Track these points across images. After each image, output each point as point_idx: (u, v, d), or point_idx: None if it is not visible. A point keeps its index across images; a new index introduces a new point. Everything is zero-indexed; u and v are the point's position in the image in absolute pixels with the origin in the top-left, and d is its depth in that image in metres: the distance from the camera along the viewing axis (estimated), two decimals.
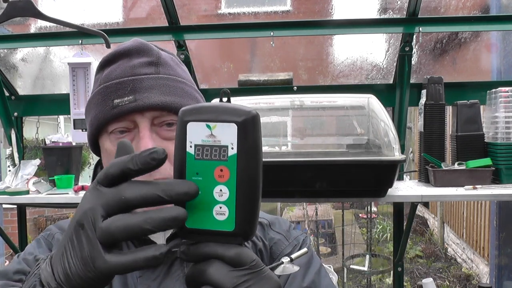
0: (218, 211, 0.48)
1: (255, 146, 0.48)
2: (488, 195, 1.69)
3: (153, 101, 0.70)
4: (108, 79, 0.73)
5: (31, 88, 2.53)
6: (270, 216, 0.89)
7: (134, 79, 0.71)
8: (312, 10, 2.33)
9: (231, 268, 0.48)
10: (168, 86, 0.73)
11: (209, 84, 2.41)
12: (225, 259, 0.48)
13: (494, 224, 3.56)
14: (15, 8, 1.59)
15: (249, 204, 0.48)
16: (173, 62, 0.78)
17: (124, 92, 0.71)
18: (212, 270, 0.48)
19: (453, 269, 5.46)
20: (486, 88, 1.91)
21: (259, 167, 0.49)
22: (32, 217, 5.89)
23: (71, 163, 2.07)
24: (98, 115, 0.73)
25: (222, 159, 0.47)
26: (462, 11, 2.13)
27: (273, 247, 0.83)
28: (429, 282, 2.00)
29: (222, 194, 0.48)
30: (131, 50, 0.74)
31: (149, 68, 0.73)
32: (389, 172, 1.54)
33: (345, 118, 1.87)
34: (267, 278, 0.49)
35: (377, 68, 2.28)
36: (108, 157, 0.75)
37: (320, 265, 0.82)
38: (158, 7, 2.06)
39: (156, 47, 0.77)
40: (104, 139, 0.75)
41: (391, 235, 4.75)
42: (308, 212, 5.96)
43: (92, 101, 0.76)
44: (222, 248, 0.48)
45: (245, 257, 0.48)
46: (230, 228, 0.48)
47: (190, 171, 0.48)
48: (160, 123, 0.73)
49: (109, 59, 0.76)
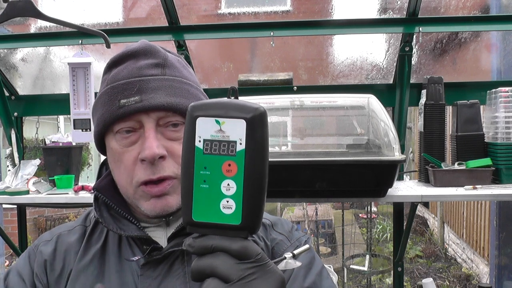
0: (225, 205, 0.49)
1: (262, 142, 0.49)
2: (488, 195, 1.69)
3: (158, 102, 0.72)
4: (115, 80, 0.74)
5: (31, 88, 2.53)
6: (273, 217, 0.90)
7: (140, 80, 0.73)
8: (312, 10, 2.33)
9: (237, 261, 0.49)
10: (174, 87, 0.74)
11: (209, 84, 2.41)
12: (231, 252, 0.49)
13: (494, 224, 3.56)
14: (15, 8, 1.59)
15: (256, 198, 0.49)
16: (179, 64, 0.79)
17: (130, 92, 0.72)
18: (218, 262, 0.49)
19: (453, 269, 5.46)
20: (486, 88, 1.91)
21: (266, 162, 0.50)
22: (32, 217, 5.89)
23: (71, 163, 2.07)
24: (104, 115, 0.74)
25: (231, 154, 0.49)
26: (462, 11, 2.13)
27: (275, 248, 0.83)
28: (429, 282, 2.00)
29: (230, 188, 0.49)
30: (138, 52, 0.75)
31: (156, 69, 0.74)
32: (389, 172, 1.54)
33: (345, 118, 1.87)
34: (271, 271, 0.51)
35: (377, 68, 2.28)
36: (114, 157, 0.76)
37: (321, 266, 0.82)
38: (158, 7, 2.06)
39: (163, 49, 0.78)
40: (110, 139, 0.76)
41: (391, 235, 4.75)
42: (308, 212, 5.96)
43: (99, 101, 0.77)
44: (228, 241, 0.49)
45: (251, 251, 0.50)
46: (237, 221, 0.49)
47: (198, 165, 0.50)
48: (166, 124, 0.74)
49: (117, 60, 0.77)
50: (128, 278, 0.75)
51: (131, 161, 0.73)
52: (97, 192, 0.80)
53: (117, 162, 0.75)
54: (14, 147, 2.30)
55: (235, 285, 0.48)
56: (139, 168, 0.73)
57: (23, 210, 2.41)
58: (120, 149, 0.74)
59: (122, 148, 0.74)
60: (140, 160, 0.73)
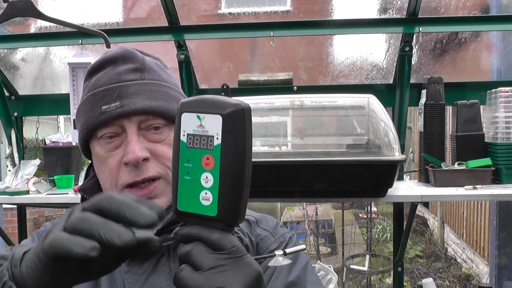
0: (204, 197, 0.52)
1: (239, 137, 0.51)
2: (488, 195, 1.69)
3: (138, 106, 0.74)
4: (95, 87, 0.77)
5: (31, 88, 2.53)
6: (258, 214, 0.92)
7: (120, 86, 0.75)
8: (312, 10, 2.33)
9: (211, 251, 0.51)
10: (153, 91, 0.77)
11: (209, 84, 2.41)
12: (207, 242, 0.52)
13: (494, 224, 3.56)
14: (15, 8, 1.59)
15: (232, 192, 0.51)
16: (157, 67, 0.81)
17: (111, 98, 0.74)
18: (194, 251, 0.51)
19: (453, 269, 5.46)
20: (486, 88, 1.90)
21: (245, 157, 0.51)
22: (32, 217, 5.89)
23: (71, 163, 2.07)
24: (87, 121, 0.76)
25: (209, 148, 0.51)
26: (462, 11, 2.13)
27: (259, 243, 0.85)
28: (429, 282, 2.00)
29: (208, 181, 0.51)
30: (117, 58, 0.78)
31: (134, 74, 0.77)
32: (389, 172, 1.54)
33: (345, 118, 1.87)
34: (245, 264, 0.52)
35: (377, 68, 2.28)
36: (98, 161, 0.78)
37: (306, 261, 0.84)
38: (158, 7, 2.06)
39: (140, 53, 0.81)
40: (94, 144, 0.78)
41: (391, 235, 4.75)
42: (308, 212, 5.95)
43: (81, 108, 0.79)
44: (206, 232, 0.52)
45: (226, 242, 0.52)
46: (213, 213, 0.51)
47: (183, 158, 0.53)
48: (147, 127, 0.76)
49: (96, 67, 0.79)
50: (116, 275, 0.76)
51: (115, 164, 0.75)
52: (83, 193, 0.82)
53: (102, 166, 0.77)
54: (14, 147, 2.30)
55: (205, 273, 0.50)
56: (124, 172, 0.75)
57: (23, 210, 2.41)
58: (104, 153, 0.76)
59: (106, 152, 0.76)
60: (124, 164, 0.74)
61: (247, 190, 0.53)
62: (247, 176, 0.52)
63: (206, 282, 0.50)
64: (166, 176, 0.75)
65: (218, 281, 0.50)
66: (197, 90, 2.23)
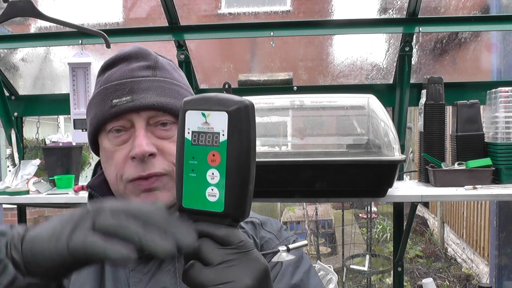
0: (210, 193, 0.52)
1: (245, 133, 0.52)
2: (488, 195, 1.69)
3: (149, 101, 0.75)
4: (108, 81, 0.78)
5: (31, 88, 2.53)
6: (263, 217, 0.92)
7: (132, 81, 0.76)
8: (312, 10, 2.33)
9: (220, 247, 0.52)
10: (164, 88, 0.77)
11: (209, 84, 2.41)
12: (214, 238, 0.52)
13: (494, 224, 3.56)
14: (15, 8, 1.59)
15: (238, 187, 0.52)
16: (170, 66, 0.83)
17: (122, 92, 0.75)
18: (203, 247, 0.52)
19: (453, 269, 5.46)
20: (486, 88, 1.91)
21: (249, 153, 0.52)
22: (32, 217, 5.88)
23: (71, 163, 2.07)
24: (97, 114, 0.77)
25: (214, 145, 0.52)
26: (462, 11, 2.13)
27: (264, 246, 0.86)
28: (429, 282, 2.00)
29: (214, 177, 0.52)
30: (130, 55, 0.79)
31: (147, 71, 0.78)
32: (389, 172, 1.54)
33: (345, 118, 1.87)
34: (253, 259, 0.53)
35: (377, 68, 2.28)
36: (106, 155, 0.79)
37: (309, 265, 0.84)
38: (158, 7, 2.06)
39: (154, 53, 0.82)
40: (103, 138, 0.79)
41: (391, 235, 4.75)
42: (308, 212, 5.95)
43: (92, 101, 0.80)
44: (213, 228, 0.53)
45: (233, 238, 0.52)
46: (220, 209, 0.52)
47: (188, 155, 0.53)
48: (156, 123, 0.77)
49: (110, 63, 0.80)
50: (120, 273, 0.77)
51: (122, 158, 0.76)
52: (91, 190, 0.83)
53: (109, 160, 0.78)
54: (14, 147, 2.30)
55: (215, 268, 0.51)
56: (130, 166, 0.75)
57: (23, 210, 2.41)
58: (112, 147, 0.77)
59: (113, 146, 0.77)
60: (130, 158, 0.75)
61: (252, 186, 0.54)
62: (252, 171, 0.53)
63: (216, 277, 0.50)
64: (172, 173, 0.76)
65: (228, 275, 0.51)
66: (197, 90, 2.23)
